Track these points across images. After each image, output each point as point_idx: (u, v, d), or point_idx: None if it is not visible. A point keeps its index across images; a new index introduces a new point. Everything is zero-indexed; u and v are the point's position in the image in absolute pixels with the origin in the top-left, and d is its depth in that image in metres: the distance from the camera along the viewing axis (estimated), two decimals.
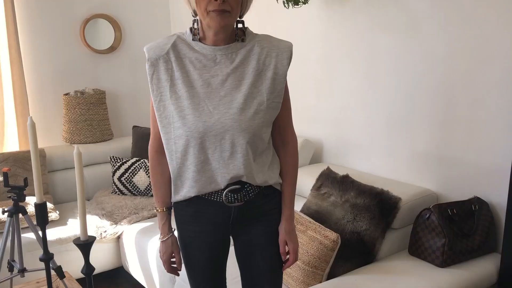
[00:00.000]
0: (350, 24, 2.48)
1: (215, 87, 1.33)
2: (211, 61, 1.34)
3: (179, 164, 1.37)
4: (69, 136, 3.34)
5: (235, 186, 1.37)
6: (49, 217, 2.71)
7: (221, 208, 1.40)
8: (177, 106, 1.32)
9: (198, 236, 1.45)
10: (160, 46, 1.36)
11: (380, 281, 1.83)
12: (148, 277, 2.54)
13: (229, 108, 1.31)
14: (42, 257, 1.58)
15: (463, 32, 2.01)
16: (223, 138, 1.32)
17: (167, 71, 1.34)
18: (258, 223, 1.46)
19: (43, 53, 3.35)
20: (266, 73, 1.36)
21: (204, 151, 1.33)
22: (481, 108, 2.00)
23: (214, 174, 1.35)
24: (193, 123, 1.31)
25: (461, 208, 1.99)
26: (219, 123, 1.31)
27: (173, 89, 1.33)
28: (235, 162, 1.34)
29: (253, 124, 1.33)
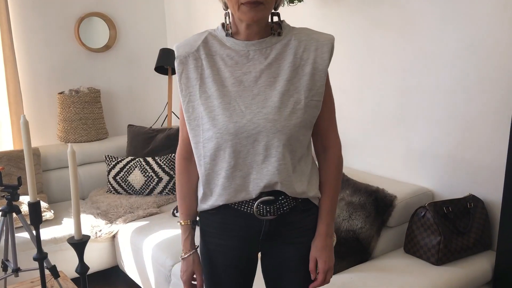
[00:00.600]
0: (345, 22, 2.47)
1: (248, 85, 1.22)
2: (244, 57, 1.23)
3: (208, 170, 1.26)
4: (63, 135, 3.33)
5: (268, 197, 1.24)
6: (43, 216, 2.70)
7: (251, 220, 1.27)
8: (207, 106, 1.22)
9: (223, 251, 1.33)
10: (190, 43, 1.26)
11: (375, 279, 1.83)
12: (144, 276, 2.53)
13: (263, 107, 1.20)
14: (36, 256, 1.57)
15: (458, 30, 2.01)
16: (256, 140, 1.20)
17: (196, 69, 1.24)
18: (291, 245, 1.32)
19: (38, 51, 3.33)
20: (303, 68, 1.23)
21: (235, 154, 1.21)
22: (476, 106, 2.00)
23: (246, 181, 1.23)
24: (224, 124, 1.19)
25: (456, 206, 1.99)
26: (251, 123, 1.19)
27: (202, 88, 1.23)
28: (269, 167, 1.22)
29: (289, 124, 1.20)
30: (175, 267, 2.25)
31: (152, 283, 2.45)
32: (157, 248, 2.40)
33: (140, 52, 3.76)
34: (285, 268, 1.35)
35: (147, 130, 3.29)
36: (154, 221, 2.69)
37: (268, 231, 1.28)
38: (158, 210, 2.87)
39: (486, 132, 1.99)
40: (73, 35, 3.44)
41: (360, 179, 2.18)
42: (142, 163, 3.06)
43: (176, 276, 2.22)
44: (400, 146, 2.33)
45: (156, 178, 3.03)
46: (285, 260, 1.34)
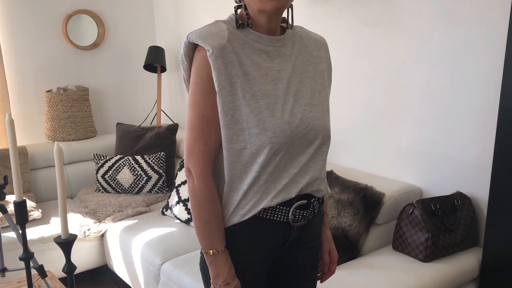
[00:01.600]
0: (335, 20, 2.48)
1: (285, 82, 1.14)
2: (272, 53, 1.14)
3: (254, 178, 1.12)
4: (51, 133, 3.30)
5: (302, 201, 1.18)
6: (31, 215, 2.67)
7: (283, 229, 1.19)
8: (254, 108, 1.09)
9: (246, 269, 1.19)
10: (218, 34, 1.09)
11: (364, 276, 1.83)
12: (133, 275, 2.52)
13: (305, 105, 1.16)
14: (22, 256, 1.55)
15: (447, 29, 2.02)
16: (307, 139, 1.15)
17: (233, 65, 1.08)
18: (307, 249, 1.29)
19: (25, 49, 3.29)
20: (320, 66, 1.23)
21: (287, 156, 1.13)
22: (463, 104, 2.02)
23: (289, 182, 1.15)
24: (278, 127, 1.09)
25: (444, 203, 2.00)
26: (302, 123, 1.13)
27: (245, 87, 1.09)
28: (310, 164, 1.18)
29: (327, 120, 1.21)
30: (164, 265, 2.24)
31: (141, 282, 2.44)
32: (146, 247, 2.39)
33: (129, 50, 3.74)
34: (299, 274, 1.31)
35: (136, 129, 3.27)
36: (143, 220, 2.68)
37: (294, 237, 1.23)
38: (147, 209, 2.85)
39: (473, 130, 2.00)
40: (61, 32, 3.41)
41: (348, 176, 2.19)
42: (131, 161, 3.05)
43: (165, 275, 2.21)
44: (388, 144, 2.34)
45: (145, 176, 3.02)
46: (300, 266, 1.30)
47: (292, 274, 1.30)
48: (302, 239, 1.26)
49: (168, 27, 3.74)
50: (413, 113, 2.21)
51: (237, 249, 1.18)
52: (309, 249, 1.29)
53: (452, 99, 2.05)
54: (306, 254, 1.29)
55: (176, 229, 2.53)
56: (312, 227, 1.27)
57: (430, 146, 2.16)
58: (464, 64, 1.98)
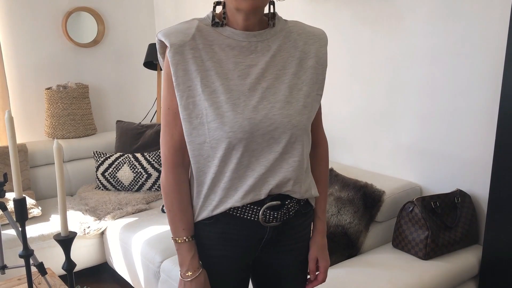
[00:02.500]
0: (334, 18, 2.47)
1: (255, 78, 1.12)
2: (246, 49, 1.13)
3: (216, 172, 1.13)
4: (51, 131, 3.29)
5: (275, 202, 1.16)
6: (31, 213, 2.67)
7: (255, 228, 1.18)
8: (213, 102, 1.09)
9: (221, 262, 1.22)
10: (182, 31, 1.11)
11: (364, 274, 1.83)
12: (133, 272, 2.52)
13: (275, 102, 1.12)
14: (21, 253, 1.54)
15: (446, 26, 2.02)
16: (272, 137, 1.12)
17: (195, 60, 1.10)
18: (290, 251, 1.26)
19: (25, 46, 3.29)
20: (307, 61, 1.17)
21: (249, 153, 1.12)
22: (463, 102, 2.01)
23: (258, 181, 1.14)
24: (237, 121, 1.09)
25: (444, 201, 2.00)
26: (267, 119, 1.10)
27: (205, 82, 1.10)
28: (282, 164, 1.14)
29: (302, 119, 1.14)
30: (164, 263, 2.24)
31: (141, 280, 2.44)
32: (146, 244, 2.39)
33: (128, 47, 3.74)
34: (283, 276, 1.29)
35: (136, 126, 3.27)
36: (143, 217, 2.68)
37: (270, 238, 1.21)
38: (147, 206, 2.85)
39: (473, 128, 2.00)
40: (60, 30, 3.40)
41: (348, 174, 2.19)
42: (131, 159, 3.04)
43: (165, 272, 2.22)
44: (388, 142, 2.34)
45: (145, 174, 3.02)
46: (283, 268, 1.28)
47: (275, 276, 1.29)
48: (281, 241, 1.24)
49: (168, 25, 3.73)
50: (413, 111, 2.20)
51: (208, 243, 1.20)
52: (291, 251, 1.26)
53: (452, 96, 2.05)
54: (288, 256, 1.27)
55: None
56: (293, 229, 1.24)
57: (430, 144, 2.16)
58: (465, 62, 1.98)
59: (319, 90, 1.20)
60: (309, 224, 1.30)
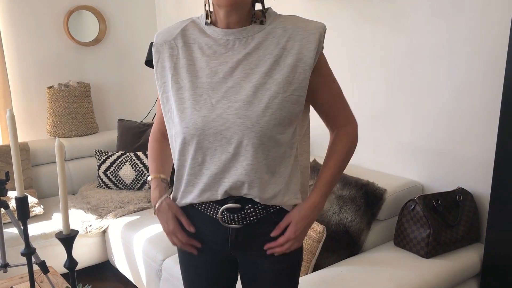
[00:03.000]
0: (336, 16, 2.47)
1: (223, 76, 1.12)
2: (222, 47, 1.14)
3: (178, 166, 1.19)
4: (53, 129, 3.30)
5: (234, 204, 1.16)
6: (33, 211, 2.68)
7: (217, 226, 1.19)
8: (177, 98, 1.14)
9: (193, 255, 1.26)
10: (170, 31, 1.20)
11: (365, 272, 1.83)
12: (134, 271, 2.53)
13: (235, 102, 1.10)
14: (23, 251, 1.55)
15: (448, 24, 2.01)
16: (225, 137, 1.10)
17: (171, 58, 1.17)
18: (267, 257, 1.21)
19: (26, 45, 3.29)
20: (285, 59, 1.11)
21: (203, 151, 1.13)
22: (465, 100, 2.01)
23: (212, 180, 1.14)
24: (191, 118, 1.11)
25: (445, 199, 2.00)
26: (220, 118, 1.10)
27: (175, 78, 1.16)
28: (237, 167, 1.12)
29: (261, 121, 1.09)
30: (165, 261, 2.25)
31: (143, 278, 2.45)
32: (148, 242, 2.39)
33: (130, 46, 3.74)
34: (261, 281, 1.25)
35: (137, 125, 3.27)
36: (145, 215, 2.69)
37: (235, 240, 1.20)
38: (148, 205, 2.86)
39: (475, 126, 1.99)
40: (62, 28, 3.40)
41: (350, 172, 2.19)
42: (133, 157, 3.05)
43: (166, 271, 2.22)
44: (390, 140, 2.34)
45: (147, 172, 3.02)
46: (261, 272, 1.24)
47: (254, 278, 1.27)
48: (255, 246, 1.21)
49: (169, 23, 3.73)
50: (414, 109, 2.20)
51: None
52: (269, 257, 1.21)
53: (454, 94, 2.04)
54: (265, 261, 1.23)
55: None
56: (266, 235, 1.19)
57: (432, 142, 2.16)
58: (466, 60, 1.97)
59: (297, 90, 1.12)
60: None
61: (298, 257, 1.28)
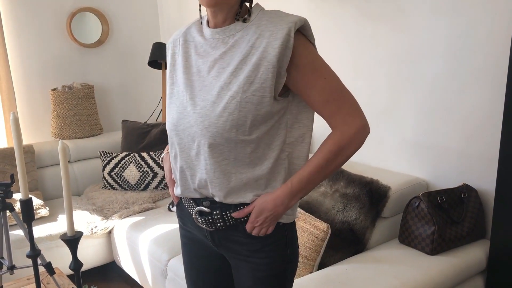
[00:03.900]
0: (337, 14, 2.46)
1: (202, 75, 1.15)
2: (209, 46, 1.16)
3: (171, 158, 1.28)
4: (58, 131, 3.31)
5: (204, 208, 1.19)
6: (38, 213, 2.69)
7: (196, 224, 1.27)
8: (169, 93, 1.24)
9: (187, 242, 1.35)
10: (180, 30, 1.28)
11: (370, 270, 1.83)
12: (140, 271, 2.54)
13: (202, 100, 1.12)
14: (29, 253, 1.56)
15: (449, 20, 2.00)
16: (189, 134, 1.14)
17: (173, 56, 1.25)
18: (245, 261, 1.21)
19: (30, 48, 3.30)
20: (252, 57, 1.07)
21: (179, 148, 1.19)
22: (468, 96, 2.00)
23: (182, 176, 1.21)
24: (170, 113, 1.21)
25: (450, 196, 1.99)
26: (187, 116, 1.14)
27: (171, 75, 1.24)
28: (200, 165, 1.15)
29: (217, 122, 1.08)
30: (171, 261, 2.25)
31: (148, 278, 2.45)
32: (153, 243, 2.40)
33: (133, 47, 3.74)
34: (241, 284, 1.24)
35: (141, 125, 3.28)
36: (150, 216, 2.69)
37: (212, 240, 1.24)
38: (153, 205, 2.87)
39: (479, 121, 1.99)
40: (65, 30, 3.42)
41: (354, 170, 2.18)
42: (137, 158, 3.06)
43: (172, 271, 2.23)
44: (393, 137, 2.33)
45: (151, 173, 3.03)
46: (242, 276, 1.23)
47: (236, 280, 1.27)
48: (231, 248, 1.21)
49: (172, 24, 3.74)
50: (418, 106, 2.19)
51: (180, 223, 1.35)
52: (248, 263, 1.20)
53: (457, 91, 2.03)
54: (244, 265, 1.21)
55: None
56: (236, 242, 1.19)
57: (436, 139, 2.15)
58: (469, 55, 1.97)
59: (258, 91, 1.07)
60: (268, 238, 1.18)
61: (283, 267, 1.21)
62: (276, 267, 1.20)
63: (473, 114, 2.00)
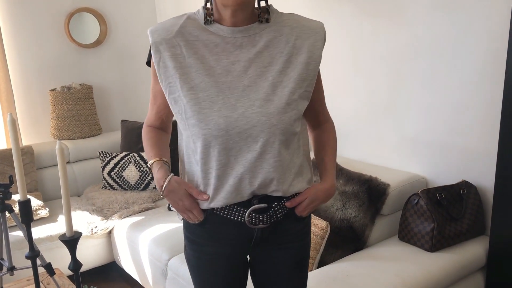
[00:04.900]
0: (336, 10, 2.46)
1: (237, 75, 1.12)
2: (230, 45, 1.13)
3: (202, 167, 1.15)
4: (57, 132, 3.31)
5: (260, 205, 1.16)
6: (38, 214, 2.69)
7: (242, 229, 1.19)
8: (191, 98, 1.11)
9: (215, 259, 1.25)
10: (166, 28, 1.15)
11: (370, 267, 1.83)
12: (140, 271, 2.54)
13: (255, 100, 1.10)
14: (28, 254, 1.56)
15: (448, 16, 2.00)
16: (250, 135, 1.10)
17: (174, 58, 1.13)
18: (285, 249, 1.25)
19: (28, 48, 3.30)
20: (297, 57, 1.14)
21: (226, 152, 1.11)
22: (467, 92, 2.00)
23: (237, 181, 1.13)
24: (212, 119, 1.09)
25: (449, 192, 1.99)
26: (243, 118, 1.09)
27: (184, 79, 1.12)
28: (263, 165, 1.13)
29: (285, 118, 1.11)
30: (171, 261, 2.25)
31: (149, 278, 2.46)
32: (153, 242, 2.40)
33: (131, 47, 3.74)
34: (276, 273, 1.27)
35: (140, 125, 3.27)
36: (150, 216, 2.69)
37: (260, 237, 1.21)
38: (153, 205, 2.87)
39: (477, 118, 1.98)
40: (63, 31, 3.41)
41: (353, 168, 2.18)
42: (137, 158, 3.06)
43: (172, 270, 2.23)
44: (392, 134, 2.33)
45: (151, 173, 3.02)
46: (276, 265, 1.27)
47: (268, 271, 1.28)
48: (276, 240, 1.23)
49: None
50: (417, 103, 2.19)
51: (201, 241, 1.24)
52: (287, 249, 1.25)
53: (456, 87, 2.03)
54: (282, 253, 1.25)
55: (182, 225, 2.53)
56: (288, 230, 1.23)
57: (435, 136, 2.15)
58: (467, 52, 1.96)
59: (308, 86, 1.17)
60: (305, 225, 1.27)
61: (309, 251, 1.33)
62: (307, 251, 1.31)
63: (472, 110, 2.00)
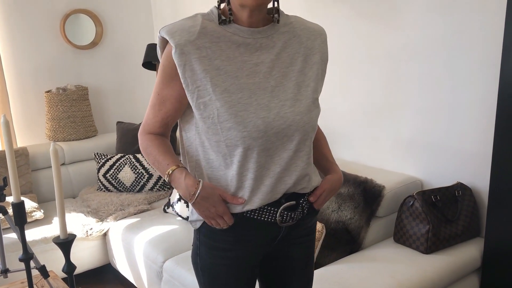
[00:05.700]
0: (331, 12, 2.46)
1: (264, 76, 1.13)
2: (251, 46, 1.13)
3: (237, 171, 1.13)
4: (52, 133, 3.30)
5: (291, 202, 1.18)
6: (33, 216, 2.68)
7: (270, 228, 1.20)
8: (226, 102, 1.09)
9: (235, 264, 1.23)
10: (186, 29, 1.10)
11: (366, 269, 1.83)
12: (136, 273, 2.53)
13: (285, 100, 1.13)
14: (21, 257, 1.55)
15: (443, 18, 2.00)
16: (286, 135, 1.12)
17: (201, 60, 1.09)
18: (299, 244, 1.29)
19: (23, 50, 3.29)
20: (312, 57, 1.19)
21: (264, 153, 1.12)
22: (462, 94, 2.00)
23: (274, 181, 1.14)
24: (251, 121, 1.09)
25: (444, 194, 1.99)
26: (279, 118, 1.11)
27: (215, 81, 1.09)
28: (297, 162, 1.16)
29: (312, 115, 1.17)
30: (166, 263, 2.25)
31: (144, 280, 2.45)
32: (148, 244, 2.39)
33: (127, 48, 3.73)
34: (291, 269, 1.31)
35: (136, 127, 3.27)
36: (145, 218, 2.68)
37: (284, 235, 1.23)
38: (149, 207, 2.86)
39: (472, 120, 1.99)
40: (58, 32, 3.40)
41: (348, 169, 2.18)
42: (132, 160, 3.05)
43: (167, 272, 2.22)
44: (388, 136, 2.33)
45: (147, 174, 3.02)
46: (292, 261, 1.31)
47: (281, 267, 1.31)
48: (292, 236, 1.26)
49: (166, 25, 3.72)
50: (412, 105, 2.19)
51: (227, 247, 1.21)
52: (300, 244, 1.30)
53: (451, 89, 2.03)
54: (297, 248, 1.30)
55: (177, 227, 2.53)
56: (302, 226, 1.26)
57: (430, 138, 2.15)
58: (462, 54, 1.97)
59: (322, 85, 1.24)
60: (313, 218, 1.32)
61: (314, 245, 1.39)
62: (314, 246, 1.35)
63: (467, 112, 2.00)
